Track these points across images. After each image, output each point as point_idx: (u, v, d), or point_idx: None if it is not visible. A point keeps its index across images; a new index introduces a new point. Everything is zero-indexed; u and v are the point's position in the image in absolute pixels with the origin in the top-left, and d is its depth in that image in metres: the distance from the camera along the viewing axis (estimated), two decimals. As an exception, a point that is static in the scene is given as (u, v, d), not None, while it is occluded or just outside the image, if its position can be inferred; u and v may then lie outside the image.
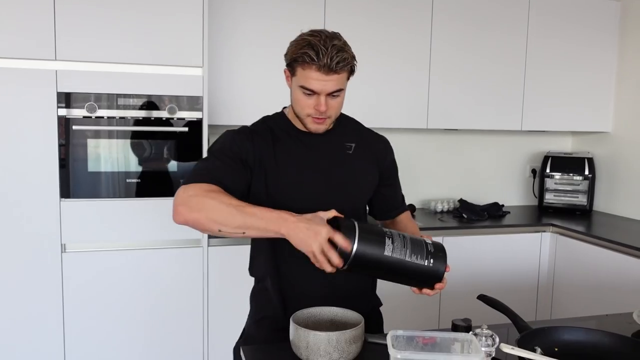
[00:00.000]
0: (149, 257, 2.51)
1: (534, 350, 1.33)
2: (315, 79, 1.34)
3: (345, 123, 1.57)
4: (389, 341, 1.02)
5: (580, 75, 3.39)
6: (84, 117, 2.39)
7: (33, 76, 2.30)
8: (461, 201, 3.39)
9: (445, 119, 3.17)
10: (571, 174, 3.47)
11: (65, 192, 2.39)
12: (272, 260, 1.48)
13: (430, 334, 1.09)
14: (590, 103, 3.43)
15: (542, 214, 3.45)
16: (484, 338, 1.07)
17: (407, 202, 3.29)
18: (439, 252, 1.28)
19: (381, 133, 1.63)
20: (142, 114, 2.46)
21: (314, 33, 1.36)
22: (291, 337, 1.24)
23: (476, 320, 1.37)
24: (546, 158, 3.53)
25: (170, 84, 2.48)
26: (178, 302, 2.56)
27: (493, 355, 1.08)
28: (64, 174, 2.38)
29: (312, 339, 1.19)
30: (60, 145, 2.37)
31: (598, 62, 3.41)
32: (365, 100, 3.00)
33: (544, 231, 3.15)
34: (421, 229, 2.94)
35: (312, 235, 1.17)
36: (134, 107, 2.45)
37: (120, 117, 2.44)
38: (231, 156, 1.39)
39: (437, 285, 1.28)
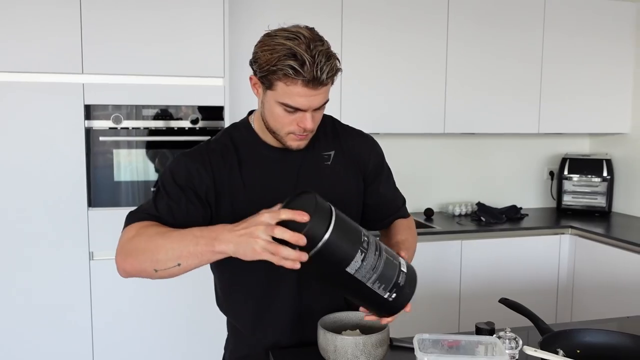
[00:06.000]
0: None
1: (557, 353, 1.36)
2: (301, 95, 1.12)
3: (321, 127, 1.31)
4: (415, 344, 1.06)
5: (598, 76, 3.39)
6: (110, 128, 2.46)
7: (61, 89, 2.38)
8: (479, 204, 3.41)
9: (462, 123, 3.20)
10: (589, 176, 3.47)
11: (93, 201, 2.46)
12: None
13: (455, 337, 1.13)
14: (608, 104, 3.44)
15: (560, 217, 3.45)
16: (507, 341, 1.11)
17: (426, 205, 3.39)
18: (407, 288, 1.10)
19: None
20: (165, 124, 2.53)
21: (290, 35, 1.11)
22: (319, 341, 1.28)
23: (497, 323, 1.40)
24: (564, 160, 3.53)
25: (193, 94, 2.54)
26: (198, 307, 2.62)
27: (517, 358, 1.11)
28: (91, 183, 2.46)
29: (340, 343, 1.23)
30: (87, 156, 2.44)
31: (615, 63, 3.42)
32: (381, 106, 3.03)
33: (563, 233, 3.16)
34: (439, 232, 3.01)
35: (248, 237, 0.98)
36: (157, 118, 2.52)
37: (145, 128, 2.51)
38: (179, 190, 1.21)
39: (391, 317, 1.14)
